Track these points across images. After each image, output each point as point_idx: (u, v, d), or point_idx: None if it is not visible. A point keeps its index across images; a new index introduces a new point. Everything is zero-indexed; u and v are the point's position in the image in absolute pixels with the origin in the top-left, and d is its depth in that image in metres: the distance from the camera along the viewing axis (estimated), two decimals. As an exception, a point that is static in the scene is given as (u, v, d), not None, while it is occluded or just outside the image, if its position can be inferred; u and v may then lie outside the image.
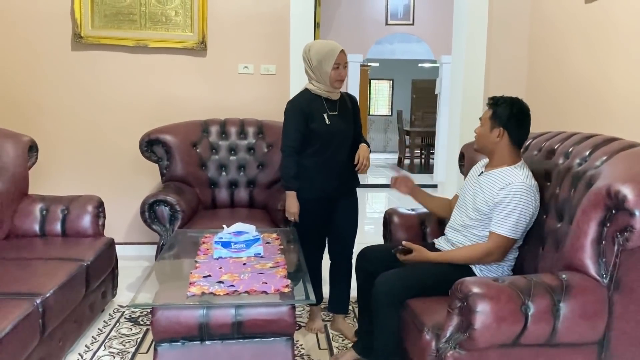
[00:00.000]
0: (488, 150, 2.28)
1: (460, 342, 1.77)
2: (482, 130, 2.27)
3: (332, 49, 2.61)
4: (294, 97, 2.77)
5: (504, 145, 2.22)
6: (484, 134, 2.26)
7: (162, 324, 1.92)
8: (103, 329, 2.89)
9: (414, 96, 12.20)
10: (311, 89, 2.71)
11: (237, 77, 4.12)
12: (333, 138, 2.68)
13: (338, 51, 2.60)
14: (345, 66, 2.66)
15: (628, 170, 1.79)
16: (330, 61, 2.59)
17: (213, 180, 3.80)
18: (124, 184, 4.07)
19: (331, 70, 2.60)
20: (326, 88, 2.67)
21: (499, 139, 2.21)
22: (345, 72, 2.66)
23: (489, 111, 2.25)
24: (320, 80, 2.66)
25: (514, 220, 2.12)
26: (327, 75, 2.62)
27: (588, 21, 3.17)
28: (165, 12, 3.98)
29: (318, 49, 2.64)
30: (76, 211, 3.04)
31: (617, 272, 1.73)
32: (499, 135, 2.20)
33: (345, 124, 2.73)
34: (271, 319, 1.96)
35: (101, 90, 4.03)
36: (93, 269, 2.71)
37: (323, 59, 2.60)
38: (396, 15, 8.34)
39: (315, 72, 2.65)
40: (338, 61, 2.60)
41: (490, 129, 2.22)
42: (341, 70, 2.63)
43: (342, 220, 2.84)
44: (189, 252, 2.58)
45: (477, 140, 2.33)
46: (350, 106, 2.80)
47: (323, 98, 2.69)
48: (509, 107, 2.20)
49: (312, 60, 2.63)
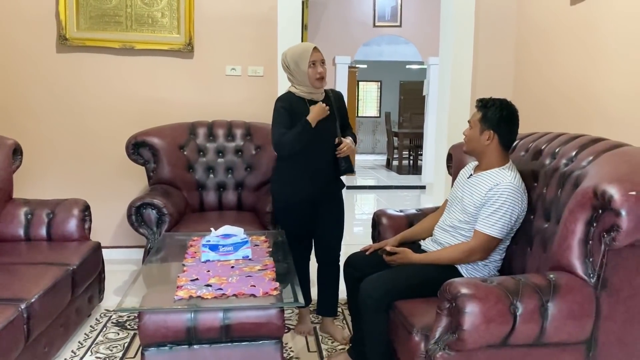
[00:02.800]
0: (477, 153, 2.28)
1: (449, 343, 1.76)
2: (471, 133, 2.26)
3: (305, 48, 2.65)
4: (279, 96, 2.77)
5: (493, 148, 2.22)
6: (473, 137, 2.25)
7: (149, 328, 1.90)
8: (90, 333, 2.86)
9: (402, 98, 12.23)
10: (294, 91, 2.71)
11: (225, 79, 4.11)
12: (316, 140, 2.64)
13: (311, 49, 2.62)
14: (323, 63, 2.66)
15: (614, 170, 1.80)
16: (305, 59, 2.60)
17: (201, 183, 3.77)
18: (111, 187, 4.04)
19: (308, 68, 2.61)
20: (308, 89, 2.67)
21: (489, 141, 2.21)
22: (324, 70, 2.66)
23: (478, 114, 2.24)
24: (301, 83, 2.66)
25: (499, 219, 2.12)
26: (306, 75, 2.62)
27: (574, 22, 3.20)
28: (151, 14, 3.96)
29: (293, 52, 2.67)
30: (62, 215, 3.01)
31: (604, 271, 1.73)
32: (489, 138, 2.20)
33: (327, 126, 2.69)
34: (260, 322, 1.95)
35: (87, 93, 3.99)
36: (79, 273, 2.67)
37: (299, 59, 2.62)
38: (384, 17, 8.36)
39: (295, 75, 2.66)
40: (313, 59, 2.61)
41: (481, 131, 2.21)
42: (318, 67, 2.63)
43: (327, 223, 2.83)
44: (176, 256, 2.56)
45: (466, 143, 2.32)
46: (334, 104, 2.78)
47: (306, 100, 2.68)
48: (499, 110, 2.20)
49: (289, 65, 2.66)
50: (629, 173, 1.75)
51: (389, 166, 10.56)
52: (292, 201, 2.73)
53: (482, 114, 2.22)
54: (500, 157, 2.24)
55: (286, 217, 2.76)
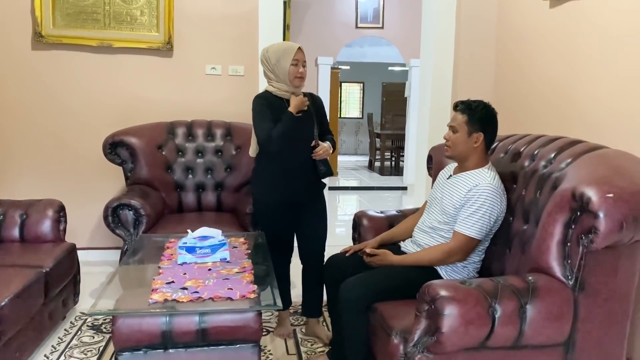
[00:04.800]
0: (463, 156, 2.24)
1: (428, 346, 1.75)
2: (458, 137, 2.21)
3: (290, 46, 2.61)
4: (257, 95, 2.71)
5: (479, 149, 2.21)
6: (460, 141, 2.20)
7: (123, 332, 1.86)
8: (64, 337, 2.79)
9: (384, 99, 12.24)
10: (271, 90, 2.66)
11: (205, 78, 4.06)
12: (294, 142, 2.60)
13: (296, 48, 2.59)
14: (304, 65, 2.63)
15: (592, 172, 1.81)
16: (289, 57, 2.56)
17: (179, 184, 3.72)
18: (87, 188, 3.96)
19: (290, 65, 2.57)
20: (286, 88, 2.62)
21: (476, 144, 2.20)
22: (305, 71, 2.63)
23: (462, 116, 2.19)
24: (280, 80, 2.62)
25: (478, 220, 2.12)
26: (286, 72, 2.58)
27: (553, 25, 3.21)
28: (130, 12, 3.89)
29: (276, 48, 2.63)
30: (35, 216, 2.94)
31: (582, 273, 1.74)
32: (476, 140, 2.19)
33: (306, 126, 2.66)
34: (236, 325, 1.91)
35: (63, 91, 3.91)
36: (53, 275, 2.61)
37: (281, 56, 2.58)
38: (366, 18, 8.37)
39: (274, 71, 2.61)
40: (296, 58, 2.58)
41: (468, 134, 2.18)
42: (300, 67, 2.60)
43: (310, 224, 2.79)
44: (152, 258, 2.50)
45: (451, 147, 2.25)
46: (313, 108, 2.74)
47: (284, 100, 2.64)
48: (484, 110, 2.19)
49: (270, 60, 2.60)
50: (607, 175, 1.76)
51: (371, 167, 10.57)
52: (272, 202, 2.69)
53: (467, 117, 2.18)
54: (482, 158, 2.23)
55: (266, 219, 2.72)
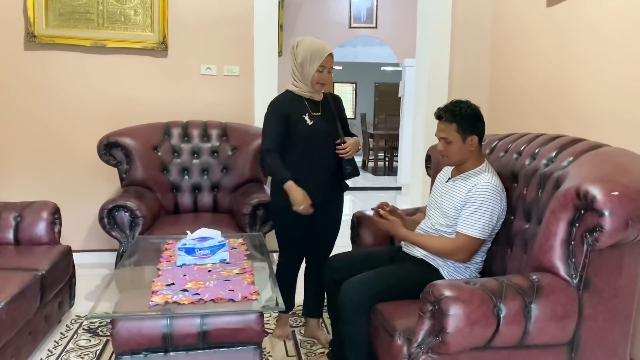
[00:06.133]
0: (462, 161, 2.22)
1: (432, 347, 1.74)
2: (453, 147, 2.18)
3: (320, 50, 2.49)
4: (275, 97, 2.67)
5: (475, 150, 2.21)
6: (456, 149, 2.18)
7: (123, 335, 1.83)
8: (60, 341, 2.75)
9: (377, 99, 12.25)
10: (292, 89, 2.60)
11: (200, 78, 4.02)
12: (316, 140, 2.56)
13: (326, 54, 2.48)
14: (330, 71, 2.54)
15: (595, 170, 1.80)
16: (316, 62, 2.48)
17: (175, 185, 3.68)
18: (82, 189, 3.91)
19: (315, 71, 2.49)
20: (307, 89, 2.57)
21: (472, 146, 2.18)
22: (330, 77, 2.54)
23: (450, 125, 2.16)
24: (301, 79, 2.55)
25: (479, 219, 2.10)
26: (310, 76, 2.51)
27: (550, 24, 3.22)
28: (124, 12, 3.85)
29: (306, 47, 2.51)
30: (30, 218, 2.89)
31: (586, 272, 1.73)
32: (472, 142, 2.18)
33: (328, 126, 2.61)
34: (238, 327, 1.89)
35: (57, 92, 3.86)
36: (48, 278, 2.57)
37: (310, 57, 2.49)
38: (359, 18, 8.34)
39: (299, 69, 2.54)
40: (324, 64, 2.49)
41: (463, 140, 2.16)
42: (325, 74, 2.52)
43: (325, 226, 2.72)
44: (150, 260, 2.48)
45: (449, 157, 2.22)
46: (334, 107, 2.69)
47: (305, 99, 2.59)
48: (470, 111, 2.18)
49: (297, 57, 2.52)
50: (610, 173, 1.76)
51: (365, 167, 10.56)
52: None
53: (456, 124, 2.16)
54: (479, 157, 2.23)
55: (284, 221, 2.62)
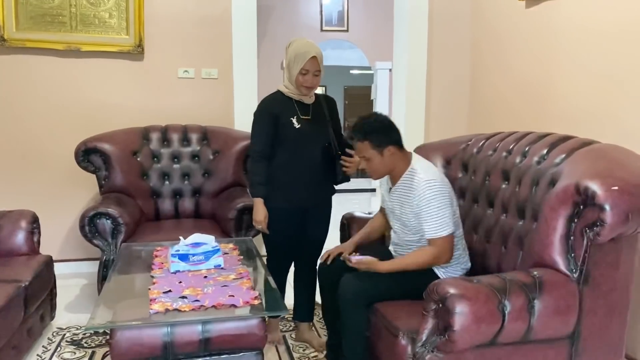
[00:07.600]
0: (389, 171, 2.26)
1: (437, 345, 1.74)
2: (374, 163, 2.21)
3: (304, 52, 2.47)
4: (265, 97, 2.64)
5: (397, 156, 2.22)
6: (378, 163, 2.21)
7: (122, 345, 1.77)
8: (42, 354, 2.65)
9: (347, 102, 12.31)
10: (282, 90, 2.59)
11: (177, 81, 3.95)
12: (303, 143, 2.55)
13: (309, 57, 2.45)
14: (316, 74, 2.50)
15: (592, 166, 1.84)
16: (299, 65, 2.46)
17: (155, 190, 3.60)
18: (59, 197, 3.78)
19: (298, 74, 2.48)
20: (295, 91, 2.55)
21: (392, 154, 2.20)
22: (316, 81, 2.52)
23: (364, 144, 2.19)
24: (290, 80, 2.55)
25: (440, 218, 2.09)
26: (294, 78, 2.51)
27: (529, 25, 3.28)
28: (98, 14, 3.76)
29: (294, 48, 2.50)
30: (8, 228, 2.78)
31: (586, 266, 1.77)
32: (390, 152, 2.20)
33: (318, 129, 2.60)
34: (241, 333, 1.86)
35: (30, 97, 3.73)
36: (32, 290, 2.47)
37: (294, 59, 2.48)
38: (331, 21, 8.37)
39: (287, 71, 2.54)
40: (307, 67, 2.47)
41: (381, 154, 2.19)
42: (309, 77, 2.49)
43: (313, 230, 2.71)
44: (140, 267, 2.42)
45: (375, 172, 2.25)
46: (326, 111, 2.68)
47: (295, 101, 2.58)
48: (377, 124, 2.21)
49: (286, 57, 2.52)
50: (608, 169, 1.79)
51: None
52: (282, 207, 2.58)
53: (369, 142, 2.18)
54: (404, 161, 2.24)
55: (273, 224, 2.59)
